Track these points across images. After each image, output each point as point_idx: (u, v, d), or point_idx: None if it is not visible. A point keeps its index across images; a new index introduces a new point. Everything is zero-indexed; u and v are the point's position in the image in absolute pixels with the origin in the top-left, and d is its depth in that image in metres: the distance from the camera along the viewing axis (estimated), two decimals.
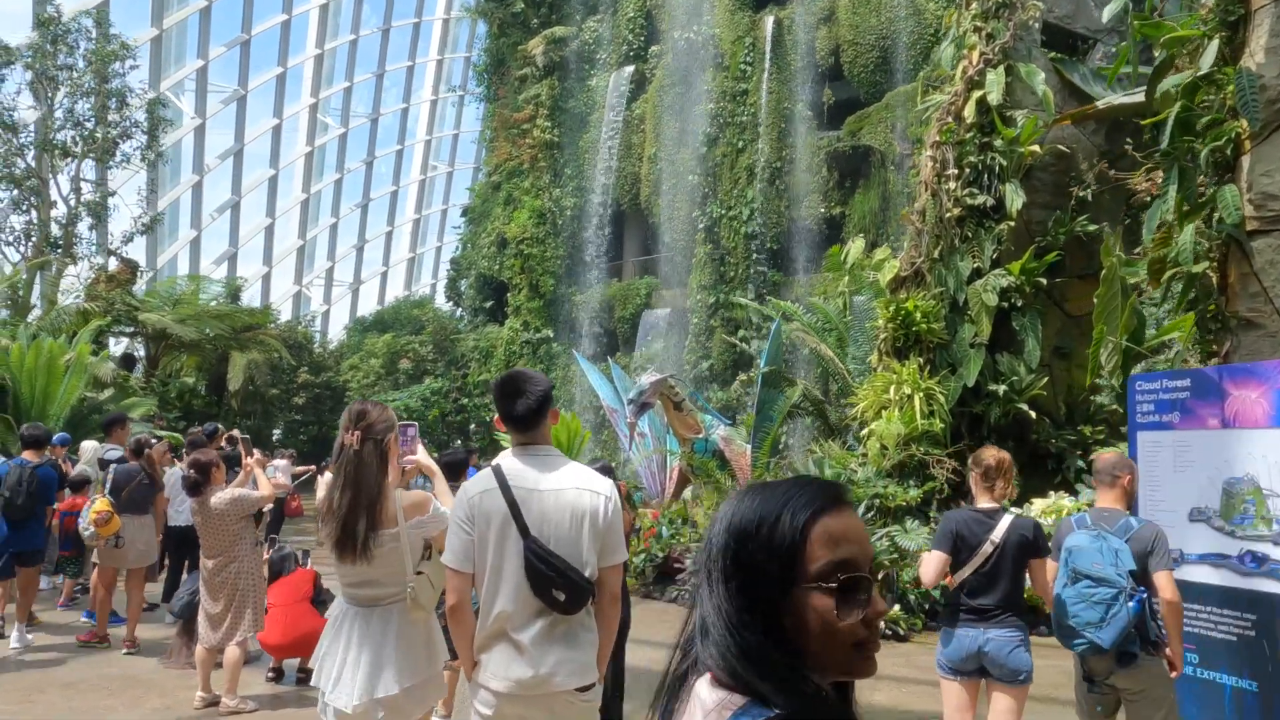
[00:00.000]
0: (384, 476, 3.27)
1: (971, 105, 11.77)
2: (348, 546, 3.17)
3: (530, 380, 3.03)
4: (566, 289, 26.36)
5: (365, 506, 3.18)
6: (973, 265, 11.68)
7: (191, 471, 6.00)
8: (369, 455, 3.24)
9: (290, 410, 32.10)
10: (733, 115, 22.73)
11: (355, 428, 3.22)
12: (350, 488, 3.19)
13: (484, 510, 2.88)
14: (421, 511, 3.31)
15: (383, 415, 3.33)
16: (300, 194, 39.50)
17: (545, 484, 2.93)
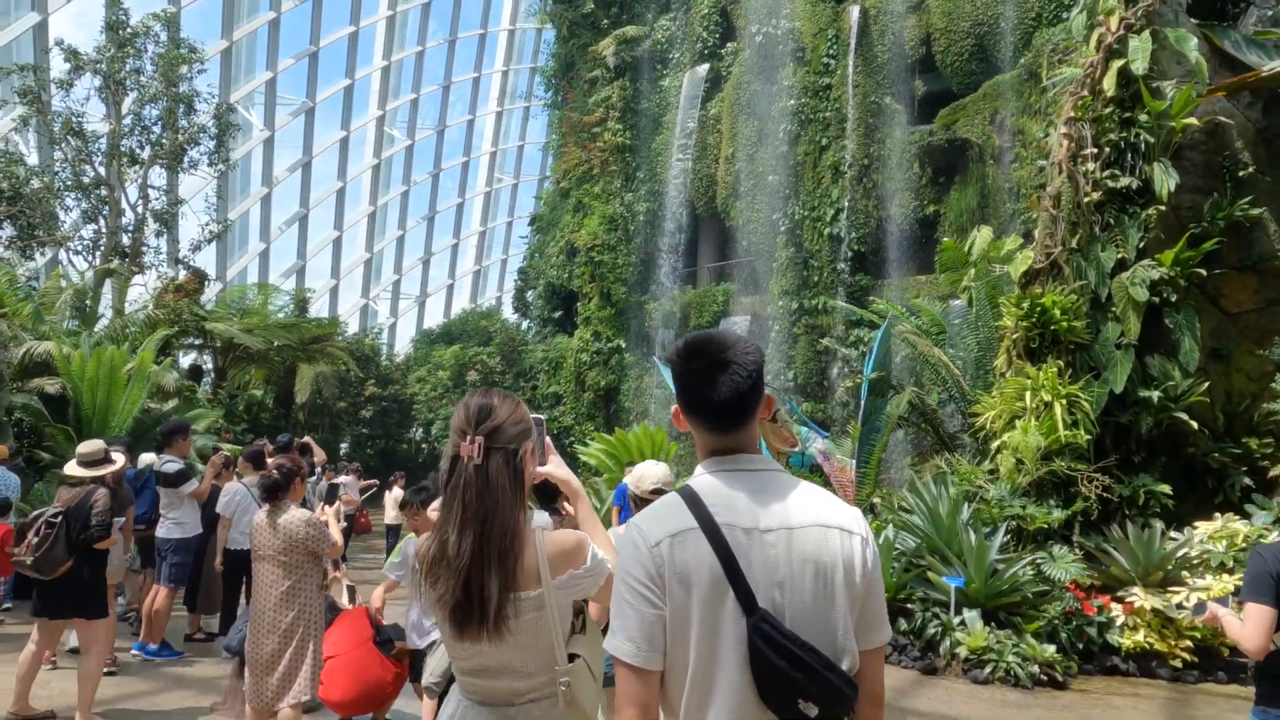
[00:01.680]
0: (521, 509, 2.19)
1: (1112, 76, 10.43)
2: (471, 616, 2.06)
3: (735, 347, 1.92)
4: (639, 297, 25.35)
5: (496, 556, 2.09)
6: (1116, 256, 10.32)
7: (275, 473, 5.07)
8: (499, 475, 2.13)
9: (357, 424, 31.68)
10: (815, 111, 21.53)
11: (476, 432, 2.15)
12: (473, 527, 2.09)
13: (678, 565, 1.77)
14: (574, 562, 2.19)
15: (516, 413, 2.24)
16: (367, 207, 39.33)
17: (770, 519, 1.82)
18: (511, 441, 2.19)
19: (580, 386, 25.84)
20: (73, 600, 6.02)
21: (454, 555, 2.09)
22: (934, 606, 8.62)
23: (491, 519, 2.10)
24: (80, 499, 6.05)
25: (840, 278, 20.71)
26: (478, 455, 2.12)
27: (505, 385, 27.87)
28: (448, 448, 2.21)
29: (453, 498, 2.14)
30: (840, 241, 20.72)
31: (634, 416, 24.48)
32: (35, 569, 5.81)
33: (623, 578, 1.81)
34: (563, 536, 2.20)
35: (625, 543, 1.84)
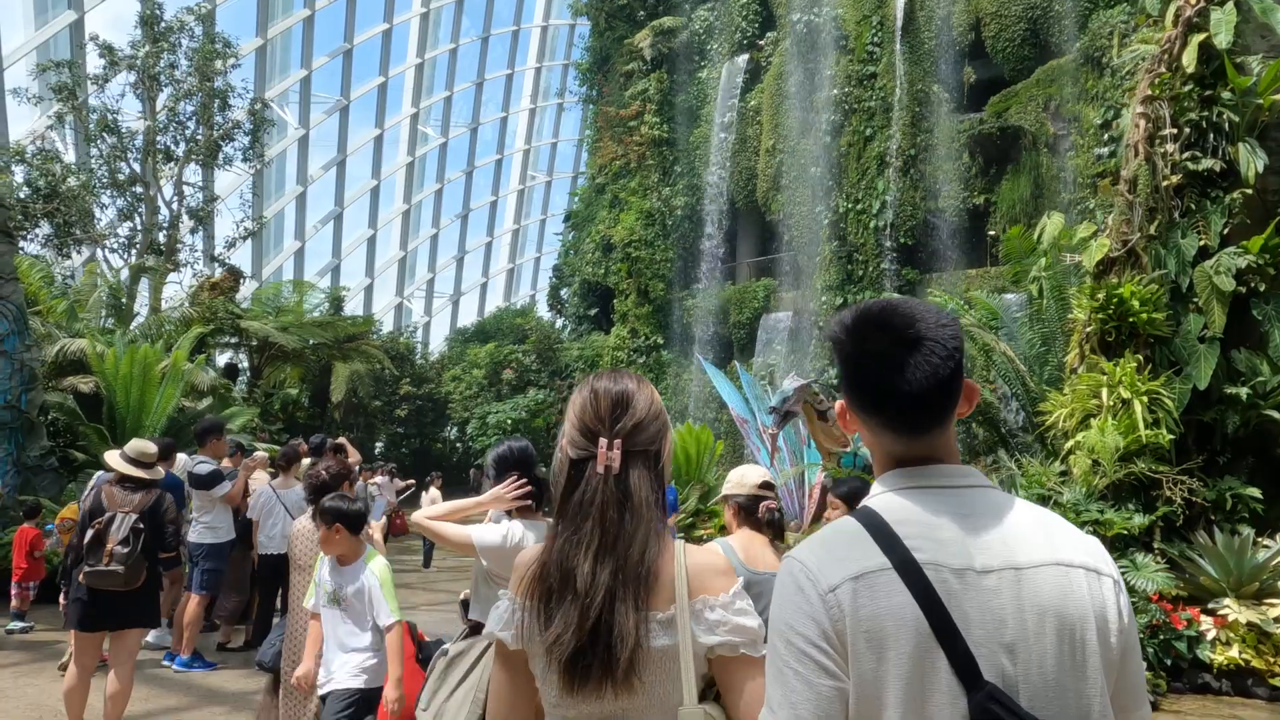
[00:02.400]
0: (665, 529, 1.69)
1: (1192, 51, 9.76)
2: (599, 661, 1.56)
3: (926, 318, 1.41)
4: (677, 293, 24.84)
5: (634, 590, 1.60)
6: (1198, 243, 9.66)
7: (323, 473, 4.63)
8: (641, 487, 1.65)
9: (392, 423, 31.52)
10: (859, 101, 20.89)
11: (615, 432, 1.67)
12: (611, 556, 1.61)
13: (866, 620, 1.27)
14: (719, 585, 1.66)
15: (655, 403, 1.75)
16: (401, 205, 39.20)
17: (989, 556, 1.31)
18: (653, 442, 1.71)
19: None
20: (134, 609, 5.58)
21: (585, 589, 1.60)
22: None
23: (633, 545, 1.62)
24: (152, 502, 5.64)
25: (886, 272, 20.07)
26: (615, 462, 1.65)
27: (540, 384, 27.51)
28: (564, 447, 1.73)
29: (581, 517, 1.65)
30: (886, 234, 20.08)
31: (673, 415, 23.97)
32: (125, 580, 5.35)
33: (782, 633, 1.31)
34: (711, 554, 1.72)
35: (785, 586, 1.35)
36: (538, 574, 1.66)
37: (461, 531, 3.57)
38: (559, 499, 1.71)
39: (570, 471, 1.69)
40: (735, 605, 1.64)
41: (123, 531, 5.42)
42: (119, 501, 5.62)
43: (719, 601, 1.63)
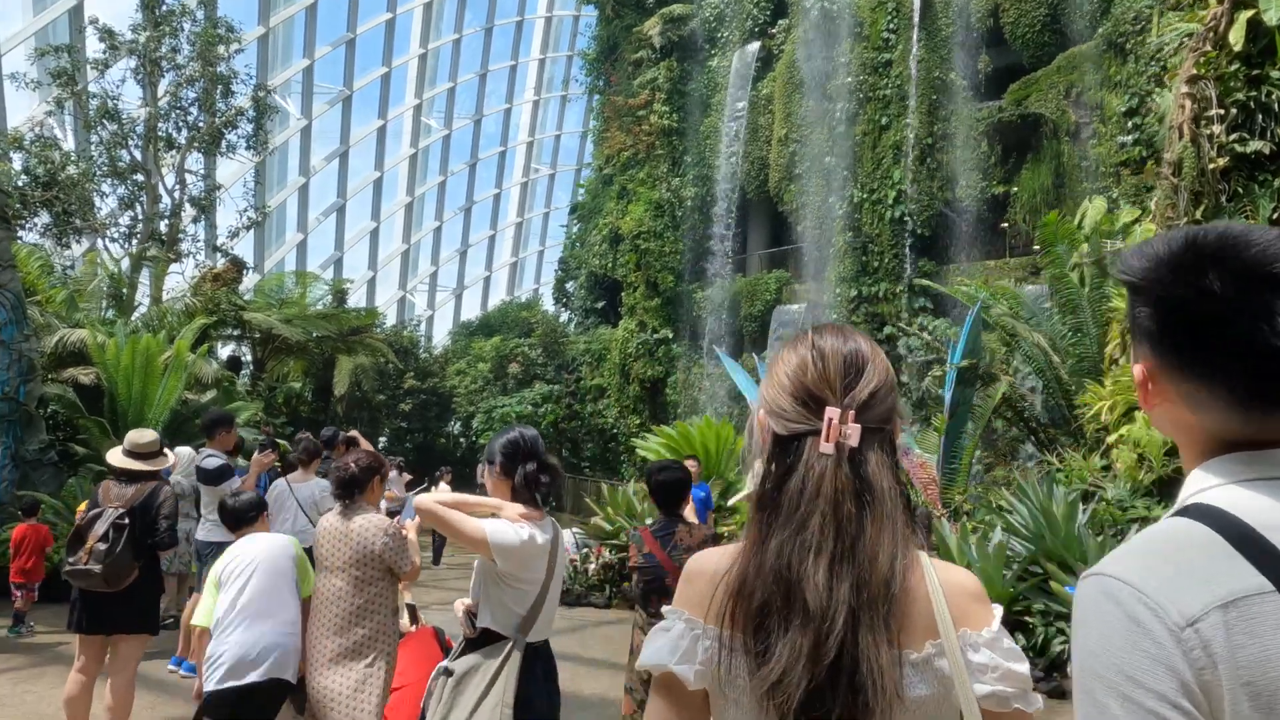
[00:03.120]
0: (911, 532, 1.29)
1: (1240, 29, 9.35)
2: (842, 709, 1.17)
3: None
4: (687, 286, 24.43)
5: (878, 604, 1.20)
6: None
7: (353, 466, 4.25)
8: (880, 474, 1.26)
9: (396, 417, 31.14)
10: (874, 89, 20.47)
11: (846, 401, 1.29)
12: (849, 564, 1.21)
13: (1251, 669, 0.87)
14: (972, 616, 1.27)
15: (889, 370, 1.37)
16: (404, 197, 38.78)
17: None
18: (887, 419, 1.34)
19: (625, 379, 25.01)
20: (126, 612, 5.16)
21: (820, 609, 1.19)
22: (1057, 620, 7.67)
23: (879, 552, 1.23)
24: (144, 497, 5.22)
25: (902, 263, 19.67)
26: (854, 439, 1.26)
27: (547, 378, 27.11)
28: (763, 421, 1.34)
29: (804, 511, 1.25)
30: (902, 225, 19.67)
31: (682, 409, 23.60)
32: (105, 579, 4.95)
33: (1115, 686, 0.91)
34: (959, 571, 1.33)
35: (1108, 617, 0.95)
36: (737, 588, 1.25)
37: (477, 525, 3.21)
38: (761, 488, 1.31)
39: (775, 451, 1.31)
40: (1003, 644, 1.25)
41: (103, 527, 5.03)
42: (111, 496, 5.25)
43: (983, 639, 1.24)
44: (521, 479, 3.30)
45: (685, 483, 4.17)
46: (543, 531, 3.27)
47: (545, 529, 3.30)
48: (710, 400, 22.81)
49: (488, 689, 3.09)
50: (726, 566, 1.29)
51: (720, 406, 22.25)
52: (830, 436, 1.24)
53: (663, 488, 4.12)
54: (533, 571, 3.23)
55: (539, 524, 3.29)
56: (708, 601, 1.28)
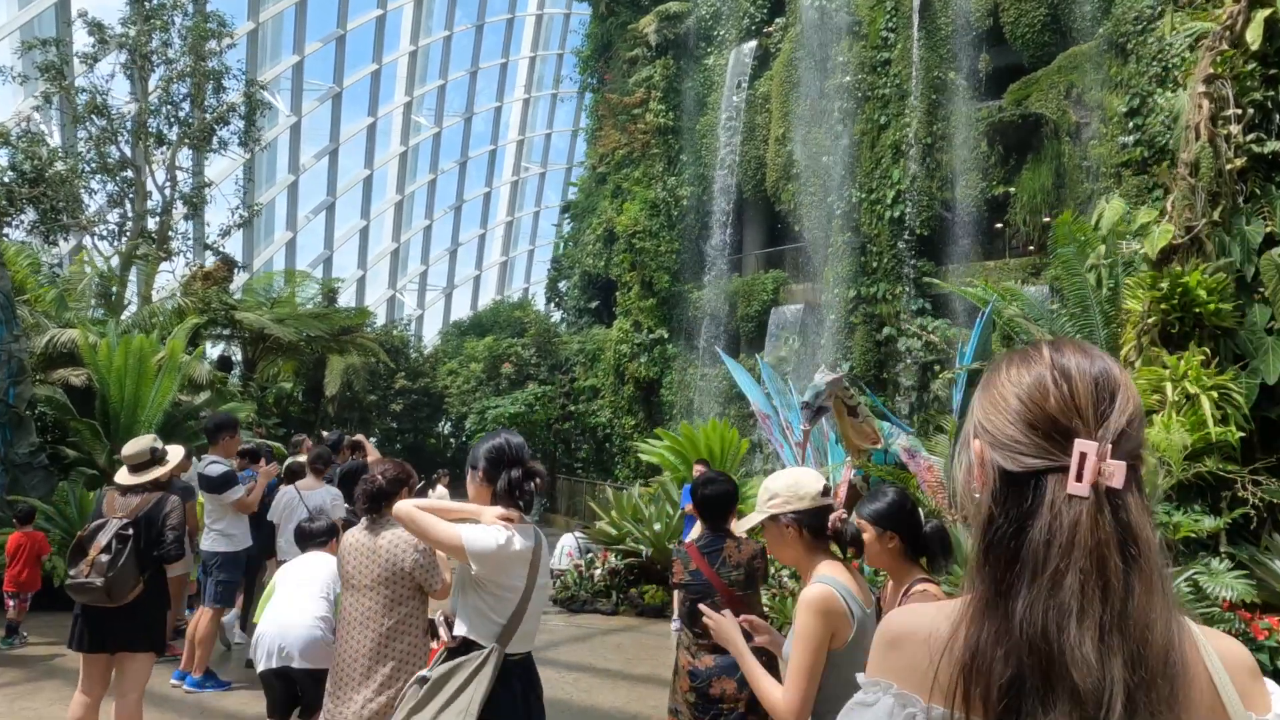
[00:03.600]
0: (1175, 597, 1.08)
1: (1257, 27, 9.24)
2: None
3: None
4: (682, 286, 24.25)
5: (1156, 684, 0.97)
6: (1264, 229, 9.16)
7: (380, 477, 4.06)
8: (1144, 524, 1.05)
9: (387, 417, 30.85)
10: (873, 88, 20.34)
11: (1100, 429, 1.08)
12: (1120, 635, 0.99)
13: None
14: (1254, 698, 1.07)
15: (1137, 395, 1.15)
16: (394, 196, 38.43)
17: None
18: (1138, 453, 1.13)
19: (620, 379, 24.81)
20: (130, 629, 4.90)
21: (1092, 688, 0.98)
22: None
23: (1152, 619, 1.02)
24: (150, 506, 4.96)
25: (901, 264, 19.55)
26: (1118, 479, 1.06)
27: (540, 378, 26.87)
28: (982, 454, 1.14)
29: (1058, 566, 1.03)
30: (901, 225, 19.54)
31: (678, 410, 23.44)
32: (107, 592, 4.69)
33: None
34: (1234, 641, 1.14)
35: None
36: (970, 659, 1.03)
37: (453, 530, 3.10)
38: (986, 534, 1.11)
39: (1005, 491, 1.10)
40: None
41: (106, 538, 4.78)
42: (116, 506, 5.00)
43: None
44: (505, 485, 3.21)
45: (732, 495, 3.96)
46: (524, 537, 3.17)
47: (527, 535, 3.20)
48: (706, 401, 22.64)
49: (455, 695, 2.99)
50: (946, 630, 1.08)
51: (718, 408, 22.08)
52: (1087, 476, 1.05)
53: (709, 501, 3.91)
54: (512, 578, 3.14)
55: (520, 529, 3.18)
56: (927, 673, 1.07)
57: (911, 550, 3.06)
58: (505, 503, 3.22)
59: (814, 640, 2.42)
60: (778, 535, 2.77)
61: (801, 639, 2.44)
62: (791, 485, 2.82)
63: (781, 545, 2.77)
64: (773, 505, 2.77)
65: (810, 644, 2.42)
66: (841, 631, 2.46)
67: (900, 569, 3.08)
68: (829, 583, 2.55)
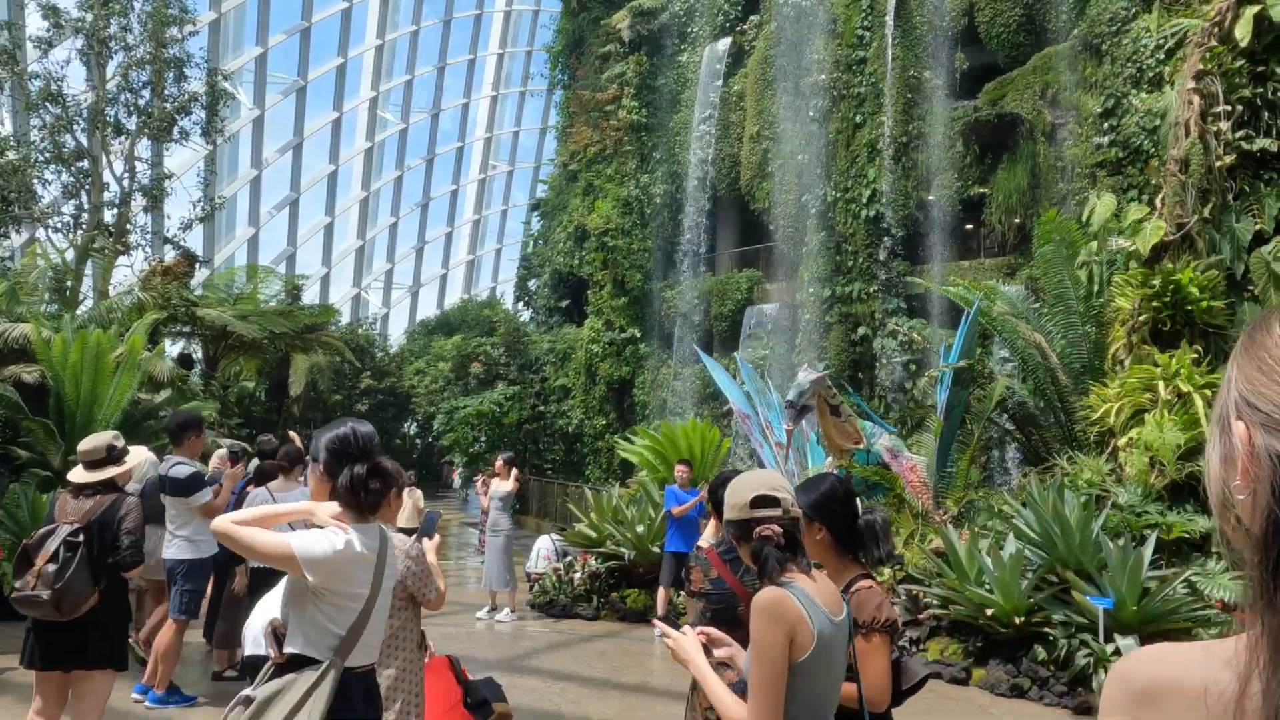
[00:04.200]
0: None
1: (1246, 24, 9.19)
2: None
3: None
4: (655, 284, 23.98)
5: None
6: (1254, 227, 9.11)
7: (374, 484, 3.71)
8: None
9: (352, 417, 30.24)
10: (848, 87, 20.22)
11: None
12: None
13: None
14: None
15: None
16: (359, 192, 37.78)
17: None
18: None
19: (591, 379, 24.49)
20: (86, 644, 4.48)
21: None
22: (1080, 632, 7.36)
23: None
24: (104, 510, 4.55)
25: (877, 263, 19.44)
26: None
27: (510, 378, 26.44)
28: (1250, 438, 0.86)
29: None
30: (877, 224, 19.44)
31: (650, 411, 23.19)
32: (55, 605, 4.27)
33: None
34: None
35: None
36: None
37: (279, 540, 2.78)
38: (1264, 552, 0.83)
39: None
40: None
41: (54, 545, 4.36)
42: (67, 511, 4.59)
43: None
44: (346, 481, 2.87)
45: None
46: (366, 538, 2.87)
47: (370, 536, 2.89)
48: (680, 401, 22.41)
49: (290, 716, 2.66)
50: (1229, 682, 0.81)
51: (691, 407, 21.85)
52: None
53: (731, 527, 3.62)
54: (352, 584, 2.82)
55: (360, 529, 2.87)
56: None
57: (843, 543, 2.91)
58: (346, 501, 2.89)
59: (769, 649, 2.18)
60: None
61: (756, 649, 2.21)
62: (731, 492, 2.51)
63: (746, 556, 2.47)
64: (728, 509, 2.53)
65: (765, 654, 2.18)
66: (801, 638, 2.20)
67: (831, 563, 2.91)
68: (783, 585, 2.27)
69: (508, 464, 10.36)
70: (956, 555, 8.37)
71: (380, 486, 2.93)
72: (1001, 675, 7.51)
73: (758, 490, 2.44)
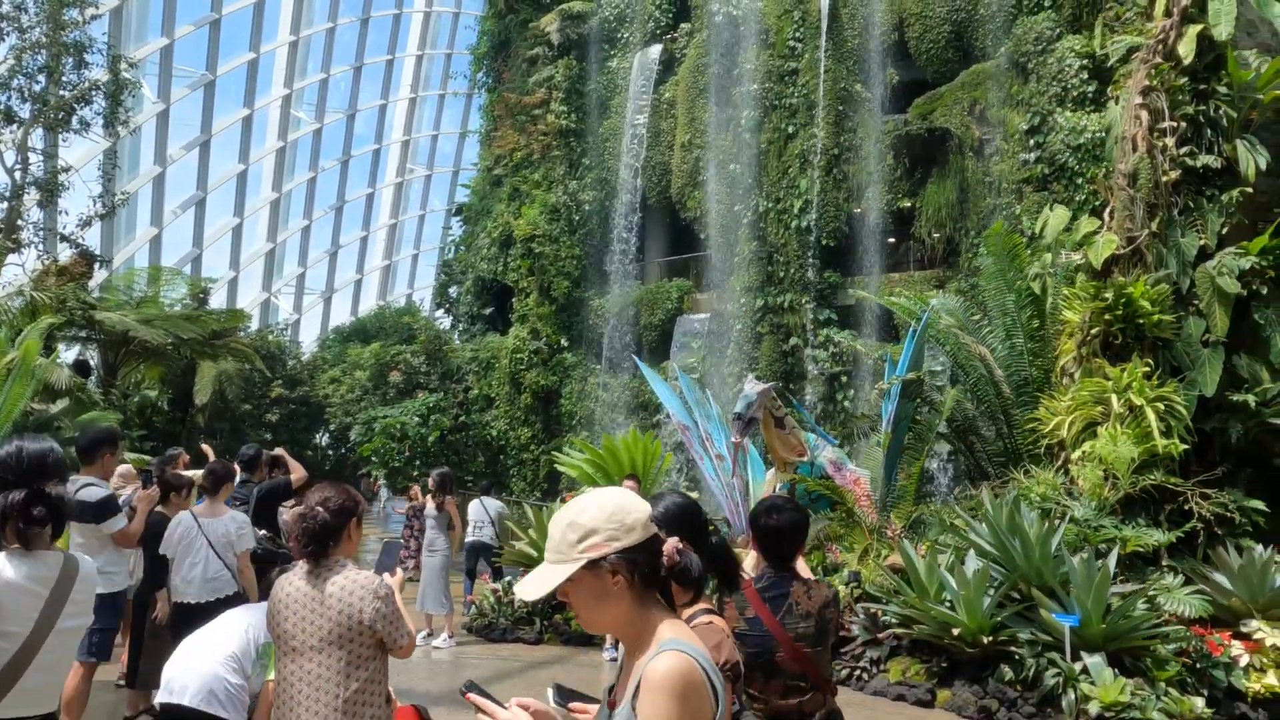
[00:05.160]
0: None
1: (1190, 42, 9.32)
2: None
3: None
4: (583, 292, 23.54)
5: None
6: (1198, 242, 9.21)
7: (321, 509, 3.19)
8: None
9: (262, 428, 28.81)
10: (780, 97, 20.20)
11: None
12: None
13: None
14: None
15: None
16: (270, 193, 36.26)
17: None
18: None
19: (516, 389, 23.88)
20: None
21: None
22: (1047, 651, 7.22)
23: None
24: None
25: (808, 274, 19.42)
26: None
27: (430, 387, 25.59)
28: None
29: None
30: (809, 235, 19.43)
31: (577, 421, 22.72)
32: None
33: None
34: None
35: None
36: None
37: None
38: None
39: None
40: None
41: None
42: None
43: None
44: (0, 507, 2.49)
45: (804, 526, 3.25)
46: (31, 567, 2.48)
47: (37, 565, 2.49)
48: (608, 412, 22.01)
49: None
50: None
51: (619, 418, 21.47)
52: None
53: (776, 535, 3.18)
54: (4, 621, 2.43)
55: (17, 557, 2.48)
56: None
57: None
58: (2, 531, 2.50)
59: None
60: (595, 590, 1.82)
61: None
62: (615, 514, 1.87)
63: (600, 604, 1.84)
64: (590, 546, 1.82)
65: None
66: (704, 715, 1.75)
67: None
68: (684, 649, 1.78)
69: (441, 484, 9.73)
70: (916, 572, 8.17)
71: (45, 514, 2.48)
72: (968, 697, 7.31)
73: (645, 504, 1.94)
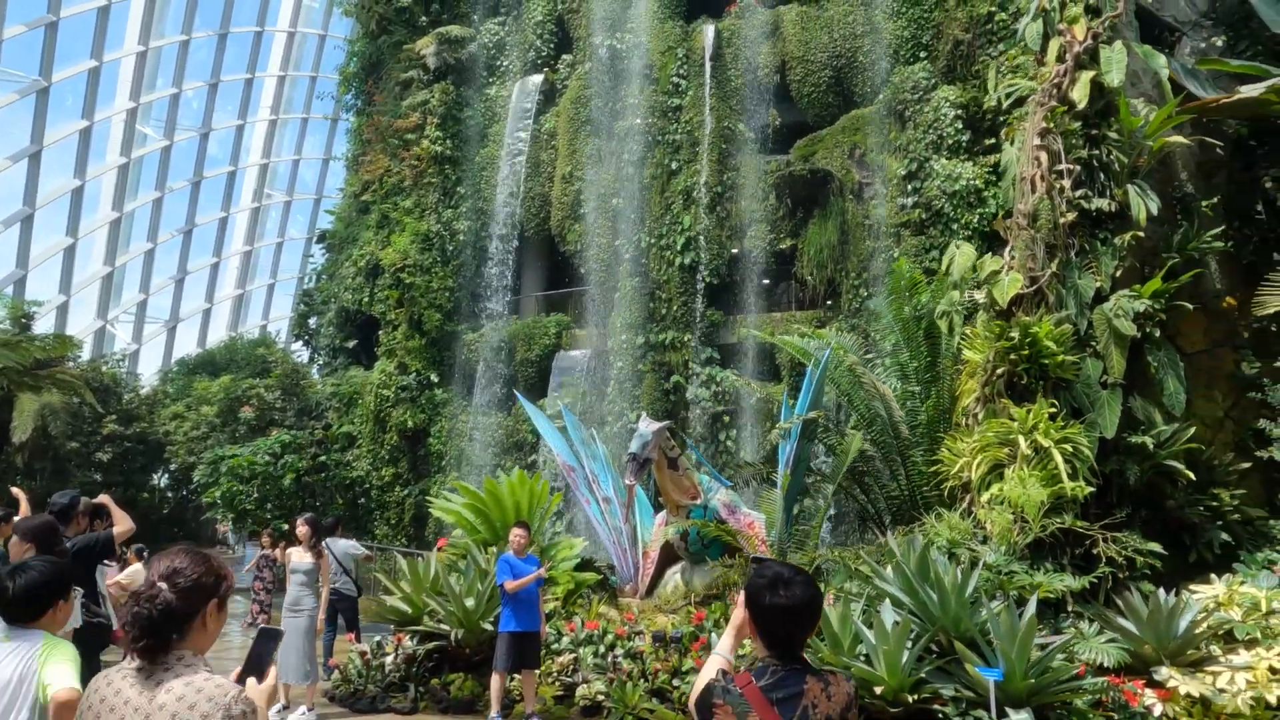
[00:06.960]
0: None
1: (1084, 88, 9.44)
2: None
3: None
4: (455, 326, 22.48)
5: None
6: (1095, 284, 9.25)
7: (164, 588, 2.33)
8: None
9: (90, 468, 26.11)
10: (664, 133, 19.98)
11: None
12: None
13: None
14: None
15: None
16: (110, 213, 33.45)
17: None
18: None
19: (381, 427, 22.48)
20: None
21: None
22: (973, 709, 6.79)
23: None
24: None
25: (692, 311, 19.10)
26: None
27: (287, 424, 23.81)
28: None
29: None
30: (693, 272, 19.15)
31: (447, 461, 21.52)
32: None
33: None
34: None
35: None
36: None
37: None
38: None
39: None
40: None
41: None
42: None
43: None
44: None
45: (818, 604, 2.53)
46: None
47: None
48: (481, 451, 20.94)
49: None
50: None
51: (491, 458, 20.46)
52: None
53: (785, 616, 2.42)
54: None
55: None
56: None
57: None
58: None
59: None
60: None
61: None
62: None
63: None
64: None
65: None
66: None
67: None
68: None
69: (315, 530, 8.58)
70: (829, 624, 7.65)
71: None
72: None
73: None
